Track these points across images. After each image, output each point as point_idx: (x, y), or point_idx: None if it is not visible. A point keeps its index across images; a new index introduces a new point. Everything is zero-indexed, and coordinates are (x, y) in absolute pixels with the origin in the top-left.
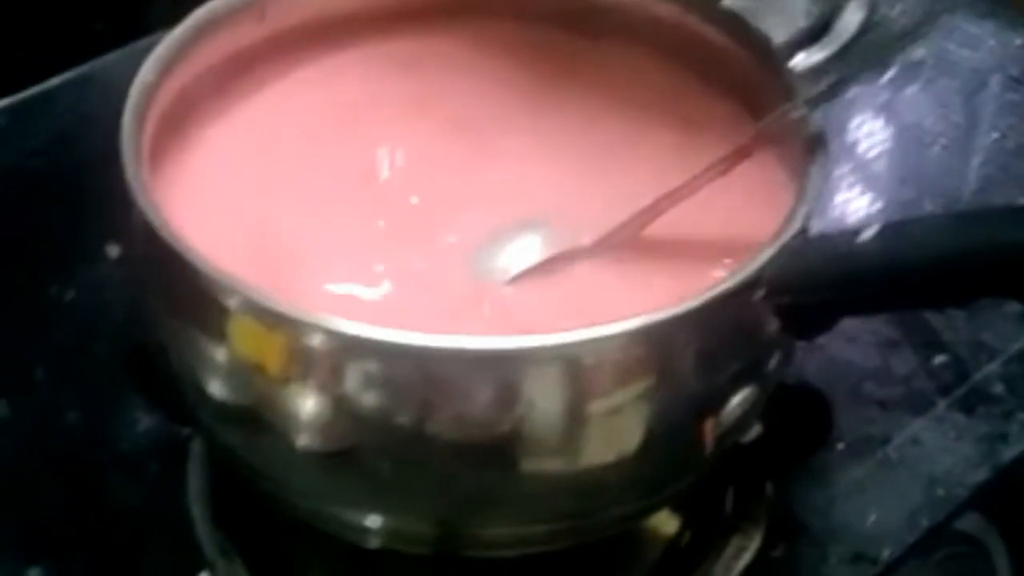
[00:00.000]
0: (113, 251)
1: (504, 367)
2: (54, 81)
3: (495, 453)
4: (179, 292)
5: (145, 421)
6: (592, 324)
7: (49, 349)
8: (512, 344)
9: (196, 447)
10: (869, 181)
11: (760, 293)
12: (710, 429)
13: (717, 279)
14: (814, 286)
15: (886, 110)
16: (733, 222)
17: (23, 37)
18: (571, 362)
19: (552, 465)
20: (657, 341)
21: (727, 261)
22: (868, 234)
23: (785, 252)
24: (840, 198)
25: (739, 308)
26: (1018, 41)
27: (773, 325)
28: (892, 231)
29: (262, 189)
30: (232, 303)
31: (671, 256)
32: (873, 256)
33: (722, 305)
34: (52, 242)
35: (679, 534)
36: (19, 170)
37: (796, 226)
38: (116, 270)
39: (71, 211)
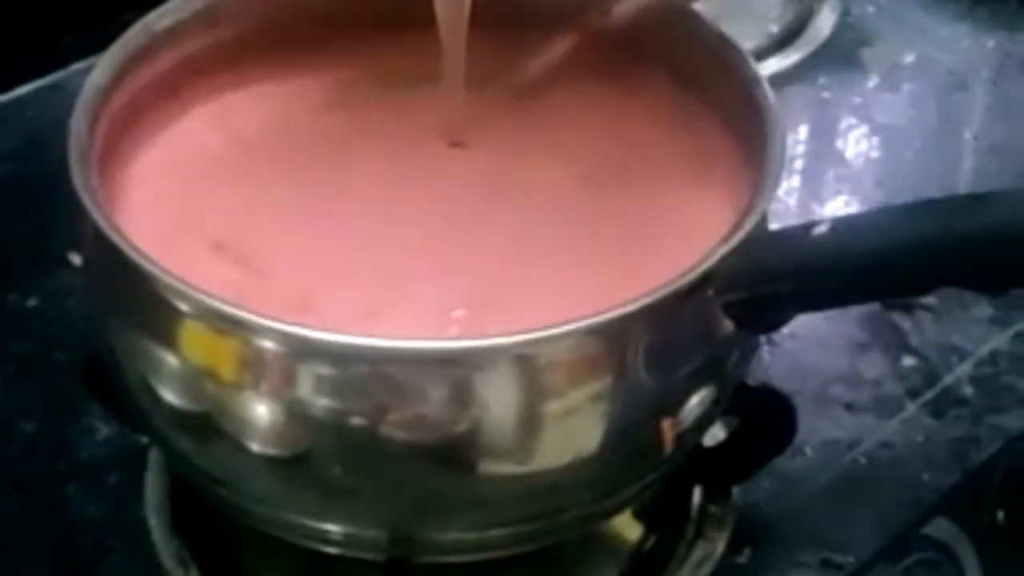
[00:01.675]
0: (76, 259)
1: (457, 367)
2: (21, 90)
3: (450, 456)
4: (130, 297)
5: (103, 430)
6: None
7: (8, 356)
8: (465, 344)
9: (154, 456)
10: (843, 182)
11: (714, 290)
12: (669, 428)
13: (669, 274)
14: (769, 280)
15: (861, 112)
16: (686, 215)
17: None
18: (524, 361)
19: (508, 467)
20: (611, 339)
21: (680, 256)
22: (822, 228)
23: (740, 248)
24: (813, 199)
25: (693, 305)
26: (992, 43)
27: (728, 322)
28: (845, 224)
29: (214, 193)
30: (183, 307)
31: (623, 249)
32: (828, 249)
33: (676, 302)
34: (14, 249)
35: (643, 539)
36: None
37: (752, 222)
38: (78, 278)
39: (34, 218)
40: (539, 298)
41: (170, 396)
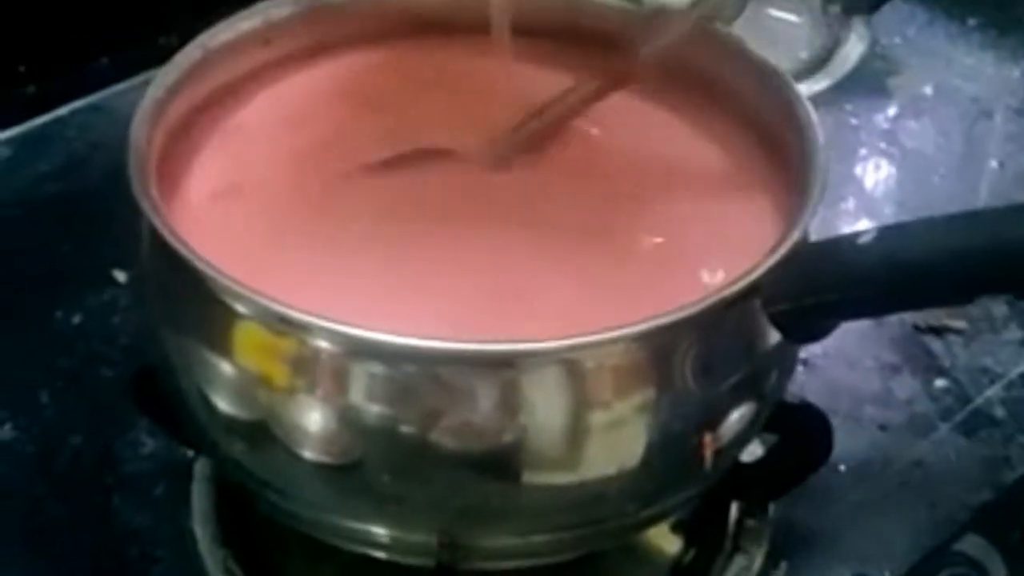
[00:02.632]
0: (120, 276)
1: (506, 369)
2: (63, 110)
3: (497, 463)
4: (185, 301)
5: (150, 444)
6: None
7: (55, 372)
8: (515, 346)
9: (200, 468)
10: (870, 208)
11: (761, 300)
12: (710, 443)
13: (711, 288)
14: (815, 290)
15: (888, 139)
16: (726, 231)
17: (34, 69)
18: (572, 365)
19: (553, 475)
20: (658, 346)
21: (720, 271)
22: (867, 237)
23: (786, 259)
24: (841, 224)
25: (740, 314)
26: (1017, 72)
27: (773, 333)
28: (891, 232)
29: (265, 211)
30: (238, 307)
31: (664, 265)
32: (873, 257)
33: (723, 311)
34: (60, 267)
35: (683, 552)
36: (29, 196)
37: (798, 233)
38: (123, 295)
39: (80, 236)
40: (573, 309)
41: (225, 404)
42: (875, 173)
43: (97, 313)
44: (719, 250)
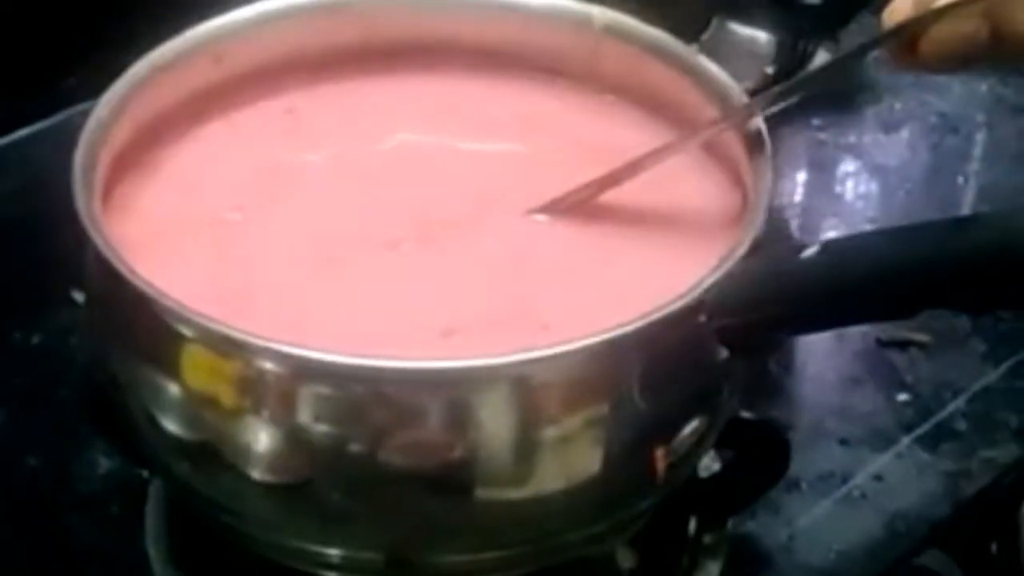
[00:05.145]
0: (79, 297)
1: (453, 387)
2: (24, 131)
3: (446, 480)
4: (132, 323)
5: (105, 464)
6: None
7: (13, 392)
8: (461, 364)
9: (155, 488)
10: (837, 223)
11: (706, 315)
12: (662, 457)
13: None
14: (758, 304)
15: (855, 154)
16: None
17: None
18: (519, 382)
19: (504, 491)
20: (604, 361)
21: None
22: (811, 251)
23: (730, 274)
24: (808, 239)
25: (686, 330)
26: (984, 87)
27: (721, 349)
28: (835, 246)
29: (216, 227)
30: (184, 330)
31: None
32: (817, 271)
33: (669, 327)
34: (19, 287)
35: (639, 568)
36: None
37: (742, 250)
38: (81, 316)
39: (38, 258)
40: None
41: (172, 425)
42: (843, 188)
43: (55, 333)
44: (671, 265)
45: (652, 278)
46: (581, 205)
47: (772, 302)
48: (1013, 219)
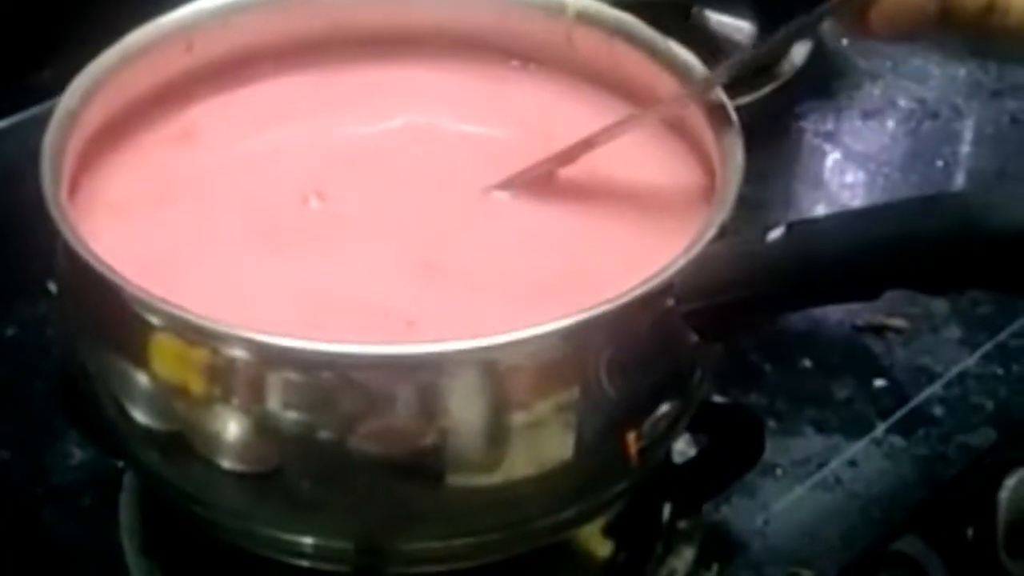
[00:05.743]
0: (54, 288)
1: (421, 371)
2: (1, 124)
3: (416, 466)
4: (100, 312)
5: (79, 455)
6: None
7: None
8: (430, 347)
9: (129, 479)
10: (816, 209)
11: (674, 299)
12: (634, 441)
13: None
14: (727, 286)
15: (834, 141)
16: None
17: None
18: (487, 366)
19: (474, 476)
20: (573, 345)
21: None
22: (776, 232)
23: (697, 259)
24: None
25: (654, 314)
26: (962, 72)
27: (689, 334)
28: (800, 228)
29: (183, 218)
30: (152, 319)
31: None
32: (783, 254)
33: (636, 311)
34: None
35: (614, 555)
36: None
37: (710, 235)
38: (55, 308)
39: (13, 249)
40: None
41: (141, 415)
42: (822, 175)
43: (30, 325)
44: (640, 250)
45: (619, 257)
46: (549, 184)
47: (739, 285)
48: (977, 198)
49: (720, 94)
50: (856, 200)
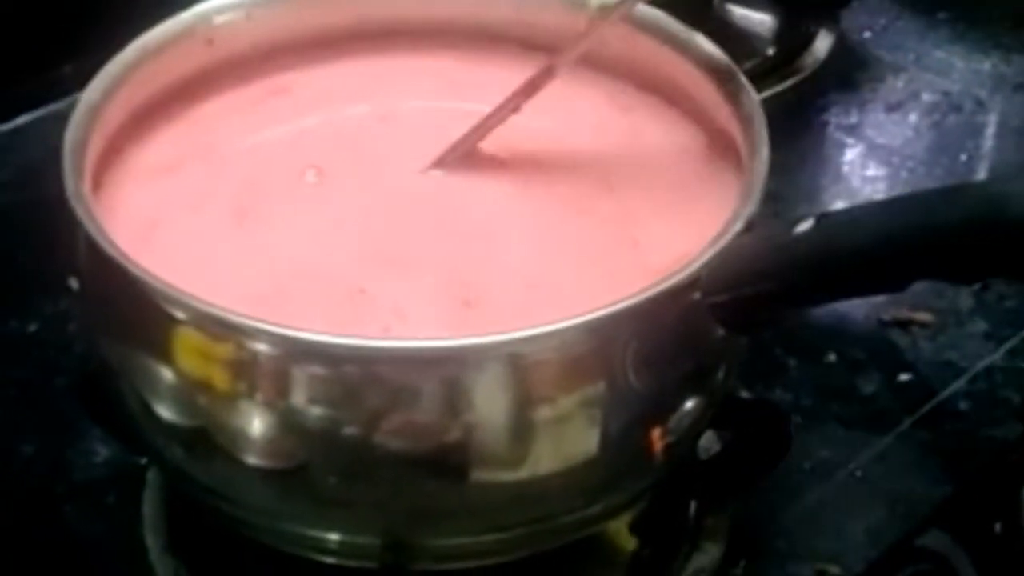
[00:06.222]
0: (75, 284)
1: (449, 365)
2: (21, 120)
3: (442, 462)
4: (124, 307)
5: (102, 452)
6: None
7: (8, 381)
8: (456, 342)
9: (152, 476)
10: (839, 203)
11: (700, 292)
12: (659, 436)
13: (656, 279)
14: (754, 279)
15: (857, 134)
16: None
17: None
18: (513, 360)
19: (500, 472)
20: (599, 339)
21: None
22: (805, 225)
23: (725, 251)
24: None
25: (681, 307)
26: (986, 65)
27: (715, 329)
28: (828, 220)
29: (206, 208)
30: (175, 312)
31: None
32: (811, 246)
33: (663, 304)
34: (15, 276)
35: (639, 551)
36: None
37: (737, 227)
38: (78, 304)
39: (35, 246)
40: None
41: (165, 411)
42: (845, 168)
43: (52, 321)
44: (667, 242)
45: (642, 248)
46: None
47: (767, 277)
48: (1003, 187)
49: (747, 85)
50: (879, 193)
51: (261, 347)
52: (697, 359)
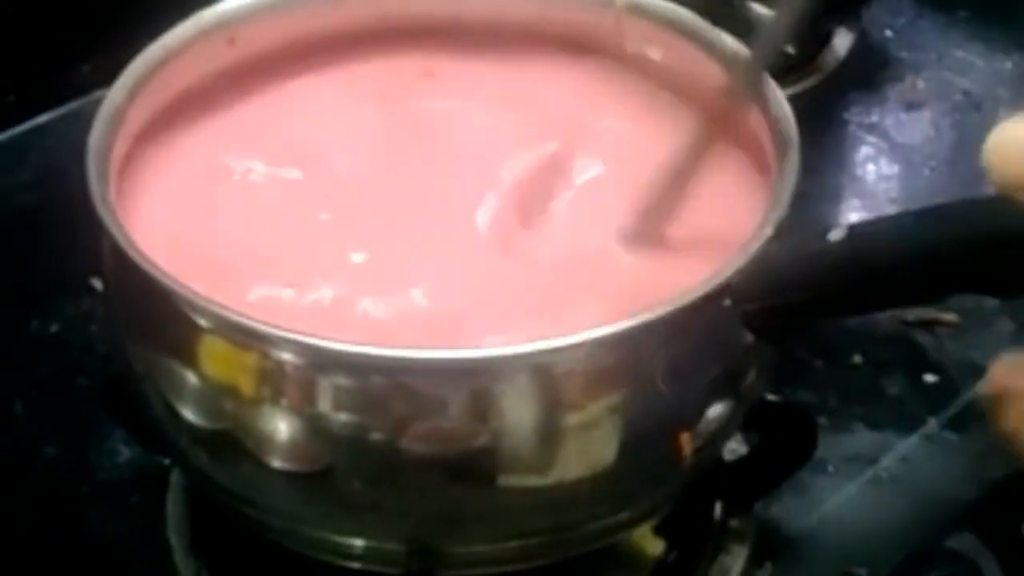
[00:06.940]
0: (98, 285)
1: (475, 377)
2: (41, 119)
3: (469, 468)
4: (149, 313)
5: (125, 453)
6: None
7: (31, 382)
8: (483, 353)
9: (176, 477)
10: (861, 203)
11: (731, 300)
12: (687, 442)
13: (687, 284)
14: (785, 288)
15: (878, 133)
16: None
17: (13, 78)
18: (541, 370)
19: (527, 478)
20: (628, 349)
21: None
22: (837, 234)
23: (756, 259)
24: (831, 220)
25: (711, 316)
26: (1008, 64)
27: (746, 334)
28: (861, 229)
29: (231, 210)
30: (203, 322)
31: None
32: (843, 255)
33: (693, 313)
34: (38, 276)
35: (665, 554)
36: (8, 205)
37: (767, 233)
38: (100, 304)
39: (56, 246)
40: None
41: (190, 414)
42: (866, 168)
43: (74, 322)
44: (695, 248)
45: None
46: None
47: (798, 287)
48: None
49: (775, 89)
50: (899, 192)
51: (288, 356)
52: (726, 365)
